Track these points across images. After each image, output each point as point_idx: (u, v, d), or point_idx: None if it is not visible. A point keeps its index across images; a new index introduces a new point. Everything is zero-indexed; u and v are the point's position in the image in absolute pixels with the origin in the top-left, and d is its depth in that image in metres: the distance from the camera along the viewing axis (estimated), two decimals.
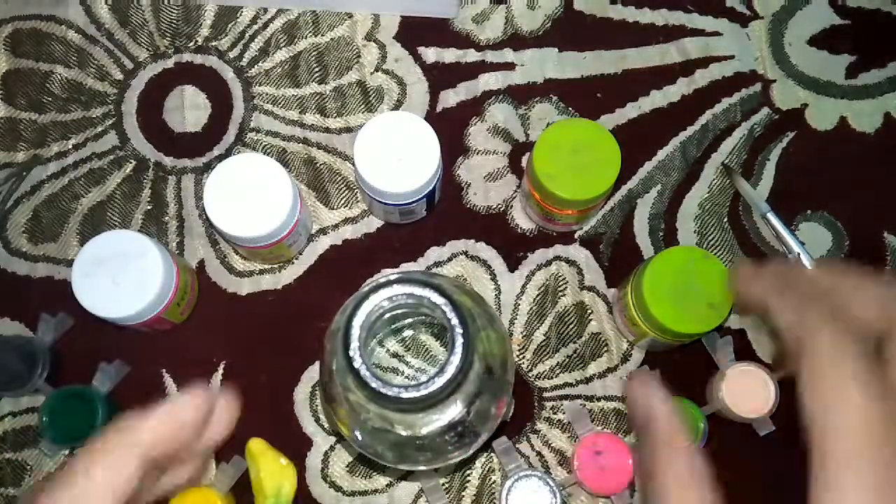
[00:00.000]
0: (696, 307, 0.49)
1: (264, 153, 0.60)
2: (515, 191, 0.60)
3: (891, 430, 0.23)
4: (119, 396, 0.55)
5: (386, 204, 0.54)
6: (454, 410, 0.39)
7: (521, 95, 0.62)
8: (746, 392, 0.53)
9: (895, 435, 0.23)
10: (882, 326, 0.26)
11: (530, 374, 0.57)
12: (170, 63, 0.62)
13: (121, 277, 0.49)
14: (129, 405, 0.55)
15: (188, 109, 0.61)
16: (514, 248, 0.59)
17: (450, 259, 0.58)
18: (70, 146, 0.60)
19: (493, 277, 0.58)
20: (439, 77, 0.62)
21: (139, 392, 0.56)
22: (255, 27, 0.63)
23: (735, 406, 0.53)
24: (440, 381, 0.35)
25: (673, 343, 0.53)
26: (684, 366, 0.56)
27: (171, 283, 0.51)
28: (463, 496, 0.54)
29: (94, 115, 0.61)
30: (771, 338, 0.58)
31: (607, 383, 0.56)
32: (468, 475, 0.55)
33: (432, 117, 0.61)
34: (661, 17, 0.64)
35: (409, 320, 0.52)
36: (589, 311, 0.58)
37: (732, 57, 0.63)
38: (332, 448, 0.55)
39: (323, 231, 0.59)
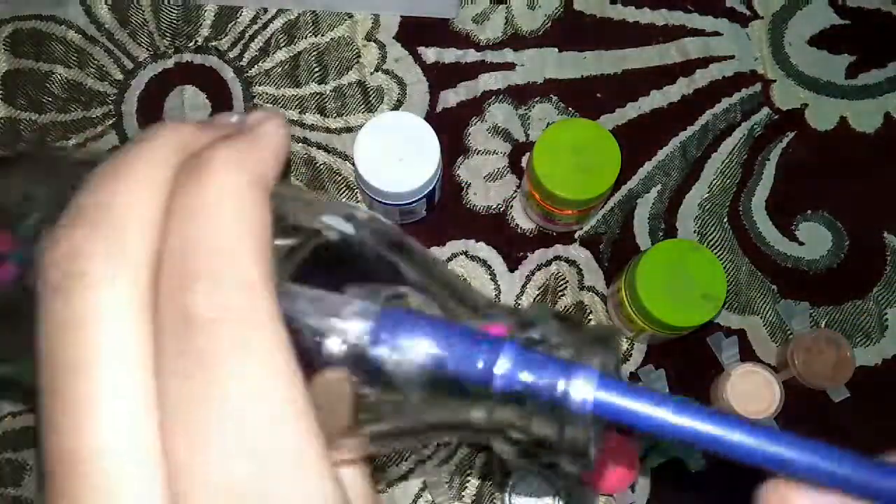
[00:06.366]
0: (690, 299, 0.49)
1: None
2: (515, 191, 0.60)
3: None
4: None
5: (386, 204, 0.53)
6: None
7: (521, 95, 0.62)
8: (751, 393, 0.53)
9: None
10: None
11: None
12: (170, 63, 0.62)
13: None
14: None
15: (188, 109, 0.61)
16: (514, 248, 0.59)
17: (450, 259, 0.58)
18: (70, 146, 0.60)
19: (493, 277, 0.58)
20: (439, 77, 0.62)
21: None
22: (255, 27, 0.63)
23: (739, 407, 0.53)
24: None
25: (671, 336, 0.53)
26: (688, 366, 0.56)
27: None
28: (463, 496, 0.54)
29: (94, 115, 0.61)
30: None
31: None
32: (467, 477, 0.55)
33: (432, 117, 0.61)
34: (661, 17, 0.64)
35: None
36: (589, 311, 0.58)
37: (732, 57, 0.63)
38: None
39: None
